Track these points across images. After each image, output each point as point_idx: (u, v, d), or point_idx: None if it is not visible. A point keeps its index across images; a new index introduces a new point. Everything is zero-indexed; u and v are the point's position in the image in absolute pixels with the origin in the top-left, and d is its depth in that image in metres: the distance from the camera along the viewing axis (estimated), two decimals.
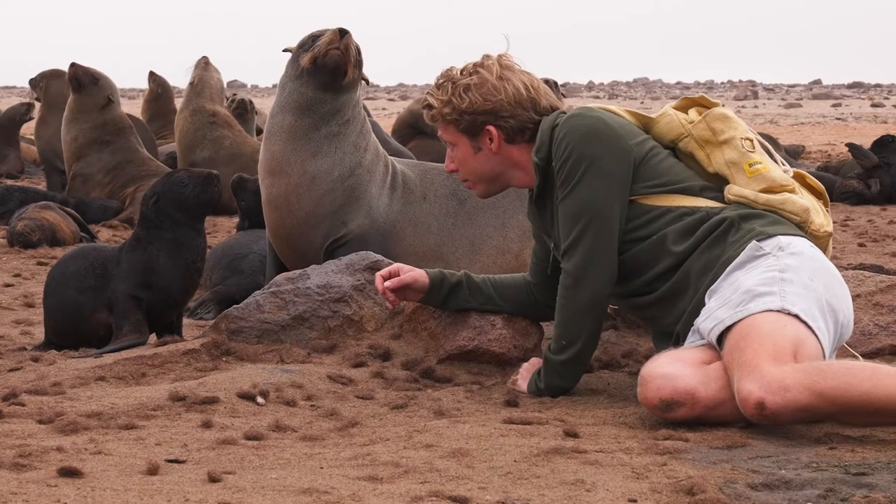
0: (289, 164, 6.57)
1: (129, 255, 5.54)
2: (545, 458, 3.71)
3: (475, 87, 4.63)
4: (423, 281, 4.88)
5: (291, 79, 6.61)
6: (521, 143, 4.67)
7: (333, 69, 6.51)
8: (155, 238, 5.52)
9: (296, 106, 6.57)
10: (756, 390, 3.92)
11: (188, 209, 5.53)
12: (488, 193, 4.86)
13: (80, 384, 4.66)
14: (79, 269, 5.61)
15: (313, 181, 6.56)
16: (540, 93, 4.67)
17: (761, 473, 3.56)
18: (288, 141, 6.57)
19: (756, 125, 36.07)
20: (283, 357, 4.96)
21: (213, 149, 12.42)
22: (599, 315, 4.56)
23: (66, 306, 5.60)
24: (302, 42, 6.64)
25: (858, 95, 67.64)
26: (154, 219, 5.53)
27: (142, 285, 5.48)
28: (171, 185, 5.55)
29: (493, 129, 4.65)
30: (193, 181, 5.55)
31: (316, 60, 6.49)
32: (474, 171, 4.75)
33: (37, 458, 3.65)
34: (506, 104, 4.62)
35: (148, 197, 5.59)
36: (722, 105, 4.69)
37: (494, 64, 4.65)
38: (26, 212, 9.98)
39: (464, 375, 4.85)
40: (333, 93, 6.56)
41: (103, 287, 5.53)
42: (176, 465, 3.67)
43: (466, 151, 4.72)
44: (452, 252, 6.76)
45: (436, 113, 4.71)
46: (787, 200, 4.48)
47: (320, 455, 3.79)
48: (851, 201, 13.88)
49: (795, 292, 4.19)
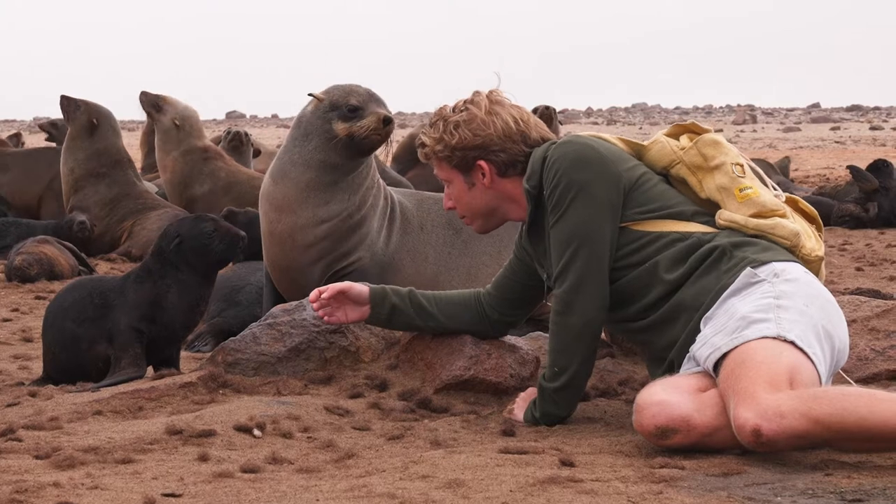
0: (300, 206, 6.59)
1: (136, 287, 5.51)
2: (541, 488, 3.71)
3: (464, 124, 4.67)
4: (358, 291, 4.93)
5: (319, 136, 6.59)
6: (513, 176, 4.70)
7: (369, 150, 6.59)
8: (167, 275, 5.48)
9: (320, 164, 6.58)
10: (752, 418, 3.92)
11: (207, 262, 5.50)
12: (486, 229, 4.89)
13: (77, 419, 4.66)
14: (76, 301, 5.59)
15: (321, 223, 6.60)
16: (530, 125, 4.70)
17: (757, 501, 3.56)
18: (304, 190, 6.59)
19: (755, 149, 36.11)
20: (280, 389, 4.96)
21: (211, 182, 12.43)
22: (592, 340, 4.56)
23: (64, 338, 5.58)
24: (336, 103, 6.58)
25: (857, 118, 67.72)
26: (171, 258, 5.49)
27: (146, 318, 5.46)
28: (198, 234, 5.48)
29: (484, 164, 4.68)
30: (221, 237, 5.48)
31: (353, 136, 6.52)
32: (470, 207, 4.79)
33: (33, 494, 3.66)
34: (495, 138, 4.66)
35: (171, 235, 5.52)
36: (713, 131, 4.72)
37: (483, 100, 4.70)
38: (24, 246, 9.99)
39: (460, 405, 4.85)
40: (361, 161, 6.62)
41: (102, 318, 5.50)
42: (172, 499, 3.67)
43: (461, 188, 4.76)
44: (449, 281, 6.77)
45: (429, 151, 4.76)
46: (777, 225, 4.50)
47: (316, 487, 3.79)
48: (849, 225, 13.89)
49: (791, 319, 4.19)
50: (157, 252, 5.55)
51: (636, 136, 4.80)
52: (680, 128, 4.77)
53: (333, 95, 6.61)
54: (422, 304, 4.96)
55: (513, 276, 4.90)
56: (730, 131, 51.26)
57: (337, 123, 6.54)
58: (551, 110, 14.71)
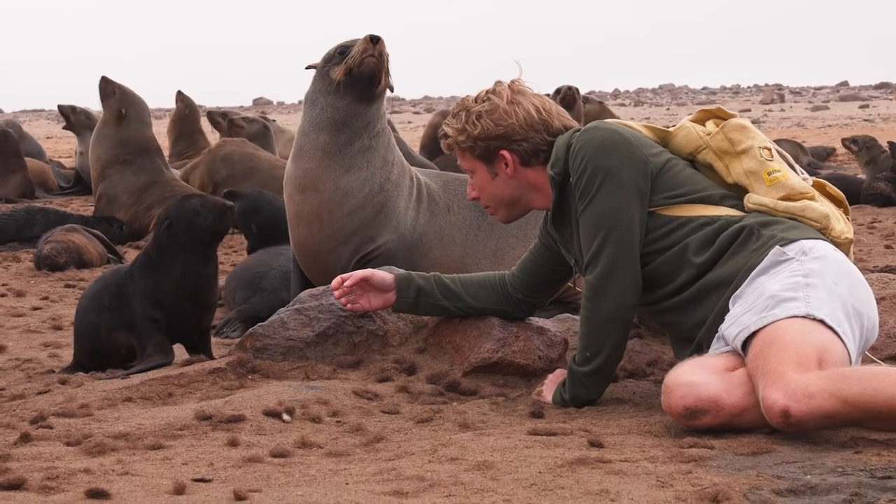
0: (322, 180, 6.57)
1: (141, 275, 5.53)
2: (570, 469, 3.71)
3: (486, 114, 4.68)
4: (381, 277, 4.96)
5: (323, 94, 6.59)
6: (536, 165, 4.71)
7: (370, 77, 6.51)
8: (164, 261, 5.49)
9: (330, 122, 6.56)
10: (781, 398, 3.91)
11: (200, 238, 5.48)
12: (510, 218, 4.90)
13: (107, 405, 4.69)
14: (96, 291, 5.66)
15: (345, 197, 6.57)
16: (552, 114, 4.71)
17: (786, 479, 3.56)
18: (322, 158, 6.57)
19: (783, 129, 35.96)
20: (309, 374, 4.97)
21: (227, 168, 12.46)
22: (624, 326, 4.56)
23: (87, 328, 5.65)
24: (328, 56, 6.63)
25: (886, 96, 67.36)
26: (164, 242, 5.50)
27: (155, 306, 5.48)
28: (185, 212, 5.48)
29: (507, 154, 4.69)
30: (207, 210, 5.48)
31: (351, 71, 6.49)
32: (493, 197, 4.80)
33: (64, 481, 3.68)
34: (517, 128, 4.66)
35: (161, 219, 5.55)
36: (738, 116, 4.70)
37: (505, 89, 4.71)
38: (52, 234, 10.02)
39: (488, 388, 4.85)
40: (367, 103, 6.57)
41: (118, 306, 5.53)
42: (202, 484, 3.69)
43: (484, 178, 4.76)
44: (476, 263, 6.76)
45: (451, 141, 4.78)
46: (806, 207, 4.48)
47: (346, 471, 3.80)
48: (878, 203, 13.81)
49: (820, 297, 4.18)
50: (153, 239, 5.57)
51: (664, 117, 4.79)
52: (706, 113, 4.75)
53: (326, 54, 6.65)
54: (447, 285, 4.97)
55: (538, 260, 4.90)
56: (758, 111, 51.07)
57: (333, 70, 6.54)
58: (574, 90, 14.65)
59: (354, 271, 5.02)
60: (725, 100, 67.62)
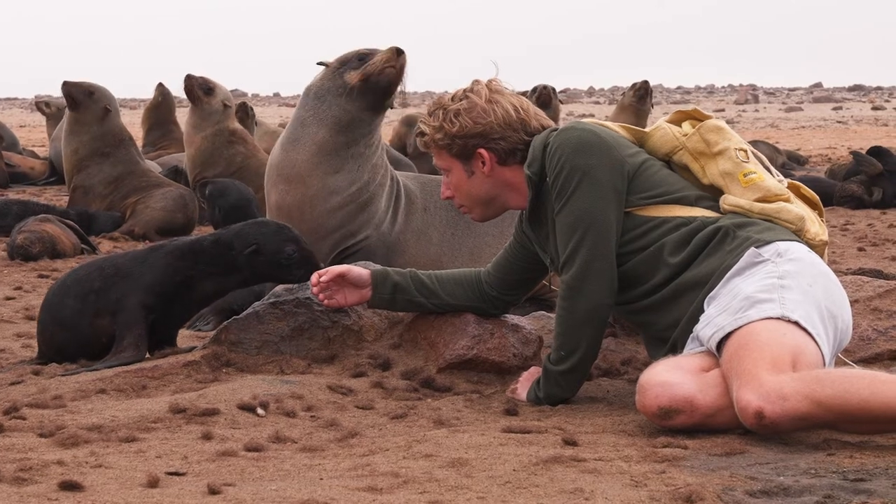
0: (310, 175, 6.57)
1: (167, 262, 5.23)
2: (544, 467, 3.72)
3: (465, 112, 4.68)
4: (357, 273, 4.96)
5: (334, 94, 6.59)
6: (513, 164, 4.71)
7: (386, 88, 6.53)
8: (210, 271, 5.25)
9: (334, 121, 6.57)
10: (755, 400, 3.93)
11: (271, 278, 5.28)
12: (485, 217, 4.90)
13: (80, 397, 4.67)
14: (82, 276, 5.37)
15: (331, 195, 6.58)
16: (530, 114, 4.72)
17: (760, 480, 3.57)
18: (316, 153, 6.57)
19: (757, 129, 36.09)
20: (284, 368, 4.97)
21: (224, 165, 12.38)
22: (599, 325, 4.57)
23: (63, 314, 5.36)
24: (345, 58, 6.62)
25: (859, 98, 67.69)
26: (232, 258, 5.21)
27: (164, 297, 5.23)
28: (278, 253, 5.18)
29: (484, 152, 4.69)
30: (299, 264, 5.18)
31: (369, 78, 6.50)
32: (469, 196, 4.80)
33: (37, 472, 3.66)
34: (495, 126, 4.67)
35: (247, 240, 5.20)
36: (715, 117, 4.72)
37: (483, 88, 4.71)
38: (26, 224, 9.99)
39: (463, 384, 4.86)
40: (373, 112, 6.59)
41: (111, 288, 5.25)
42: (176, 477, 3.68)
43: (460, 176, 4.76)
44: (453, 261, 6.78)
45: (428, 139, 4.77)
46: (782, 209, 4.50)
47: (320, 466, 3.80)
48: (851, 206, 13.87)
49: (794, 299, 4.20)
50: (217, 243, 5.26)
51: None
52: (682, 114, 4.77)
53: (342, 56, 6.65)
54: (423, 282, 4.98)
55: (513, 258, 4.91)
56: (732, 111, 51.24)
57: (349, 74, 6.55)
58: (549, 89, 14.71)
59: (331, 266, 5.02)
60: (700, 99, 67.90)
